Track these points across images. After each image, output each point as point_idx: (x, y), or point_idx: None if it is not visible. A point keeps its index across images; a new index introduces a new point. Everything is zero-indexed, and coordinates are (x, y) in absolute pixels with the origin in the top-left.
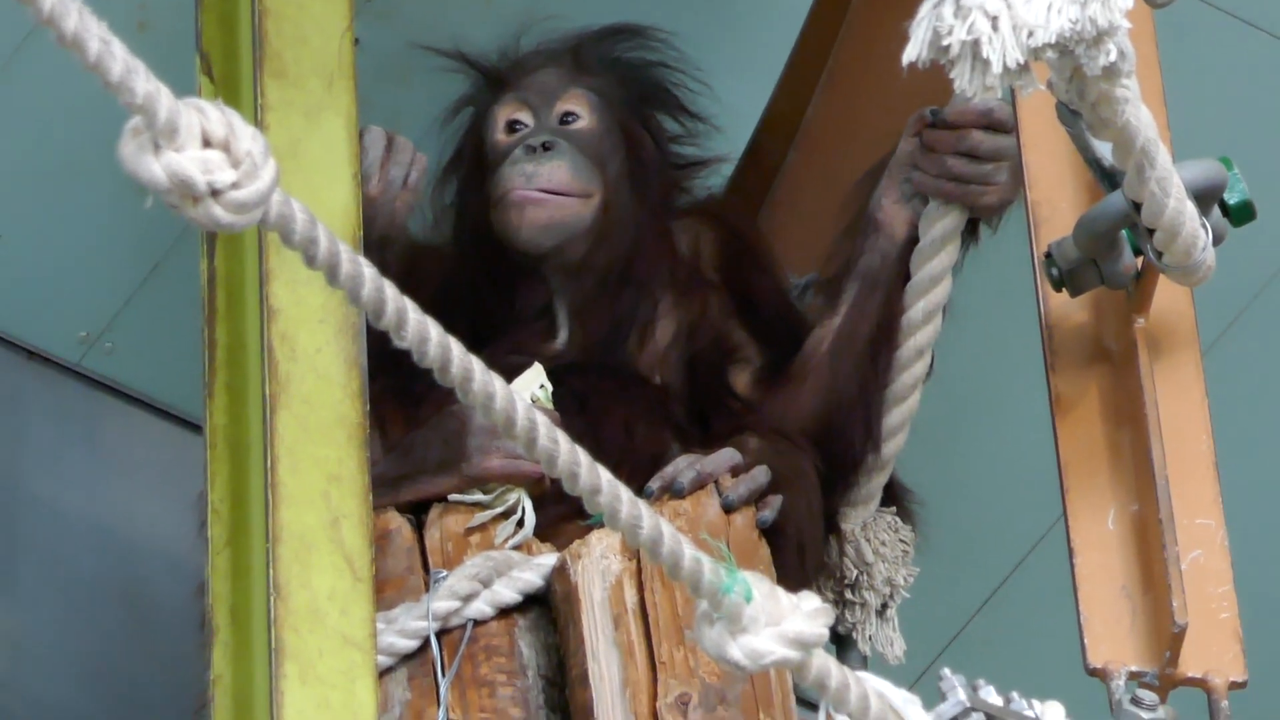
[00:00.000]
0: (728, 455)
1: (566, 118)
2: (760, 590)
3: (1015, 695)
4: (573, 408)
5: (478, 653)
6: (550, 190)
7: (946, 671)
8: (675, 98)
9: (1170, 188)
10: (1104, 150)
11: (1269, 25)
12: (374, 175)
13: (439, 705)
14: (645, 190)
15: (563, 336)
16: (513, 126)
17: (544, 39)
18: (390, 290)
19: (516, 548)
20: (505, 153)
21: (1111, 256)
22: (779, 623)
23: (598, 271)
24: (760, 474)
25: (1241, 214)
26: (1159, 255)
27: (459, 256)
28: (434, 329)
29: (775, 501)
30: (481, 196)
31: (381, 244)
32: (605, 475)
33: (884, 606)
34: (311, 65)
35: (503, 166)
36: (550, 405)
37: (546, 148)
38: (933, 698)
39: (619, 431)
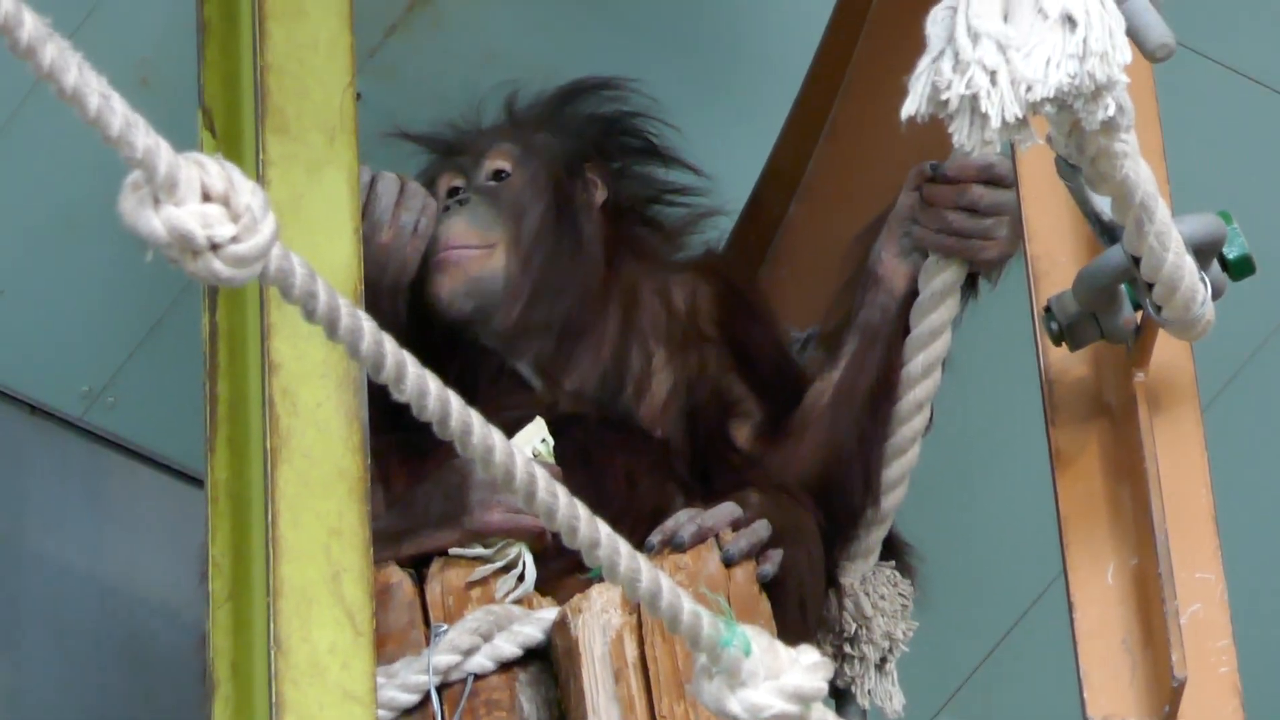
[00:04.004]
0: (728, 509)
1: (497, 175)
2: (759, 644)
3: None
4: (575, 461)
5: (478, 707)
6: (454, 246)
7: None
8: (623, 144)
9: (1169, 242)
10: (1103, 205)
11: (1270, 80)
12: (386, 222)
13: None
14: (578, 239)
15: (539, 387)
16: (451, 193)
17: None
18: (390, 344)
19: (517, 602)
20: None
21: (1111, 311)
22: (778, 676)
23: (538, 330)
24: (761, 528)
25: (1241, 268)
26: (1158, 309)
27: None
28: (433, 383)
29: (776, 555)
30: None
31: (393, 292)
32: (604, 529)
33: (883, 660)
34: (314, 120)
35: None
36: (552, 459)
37: (461, 203)
38: None
39: (621, 485)
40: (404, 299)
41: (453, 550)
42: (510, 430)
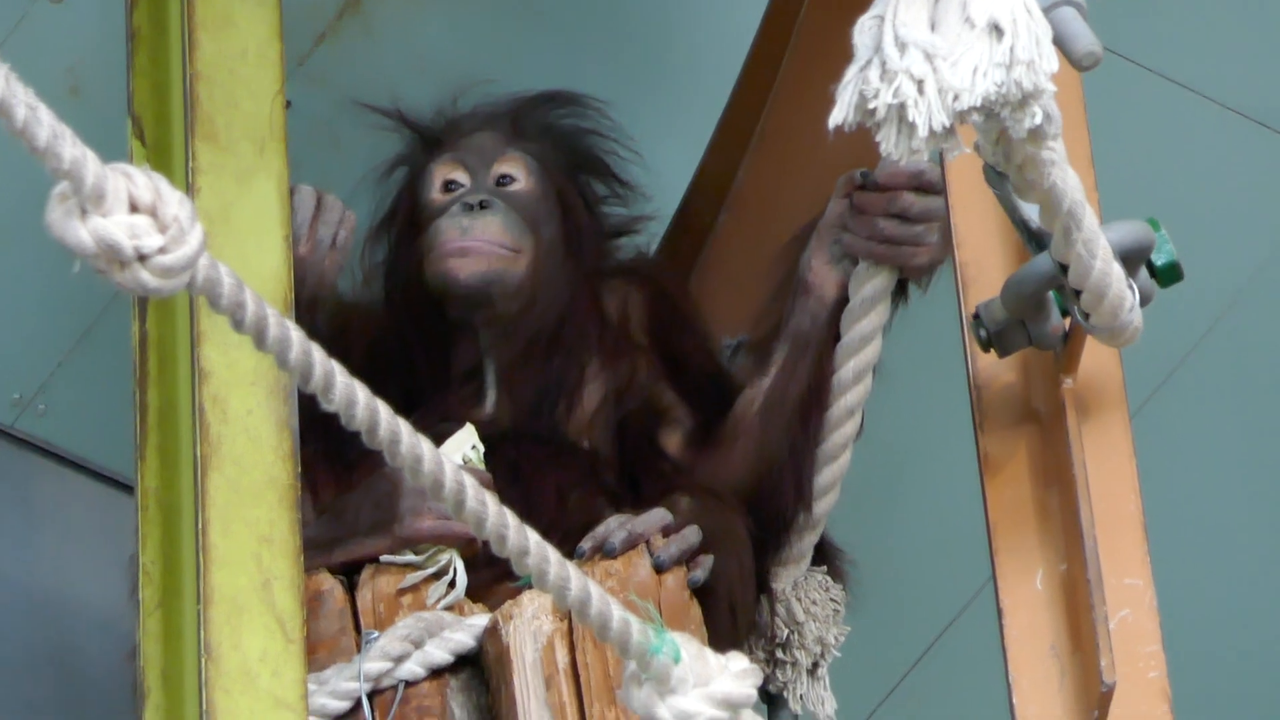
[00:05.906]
0: (659, 515)
1: (503, 180)
2: (688, 651)
3: None
4: (505, 475)
5: (410, 713)
6: (486, 240)
7: None
8: (608, 165)
9: (1096, 249)
10: (1031, 212)
11: (1198, 86)
12: (303, 235)
13: None
14: (577, 255)
15: (490, 401)
16: (449, 186)
17: (479, 102)
18: (318, 354)
19: (448, 609)
20: (440, 210)
21: (1039, 318)
22: (707, 683)
23: (528, 333)
24: (691, 534)
25: (1169, 275)
26: (1086, 316)
27: (389, 316)
28: (362, 392)
29: (706, 561)
30: (414, 253)
31: (312, 304)
32: (534, 537)
33: (815, 665)
34: (243, 129)
35: (438, 221)
36: (482, 466)
37: (483, 206)
38: None
39: (551, 498)
40: (323, 311)
41: (384, 557)
42: (439, 440)
